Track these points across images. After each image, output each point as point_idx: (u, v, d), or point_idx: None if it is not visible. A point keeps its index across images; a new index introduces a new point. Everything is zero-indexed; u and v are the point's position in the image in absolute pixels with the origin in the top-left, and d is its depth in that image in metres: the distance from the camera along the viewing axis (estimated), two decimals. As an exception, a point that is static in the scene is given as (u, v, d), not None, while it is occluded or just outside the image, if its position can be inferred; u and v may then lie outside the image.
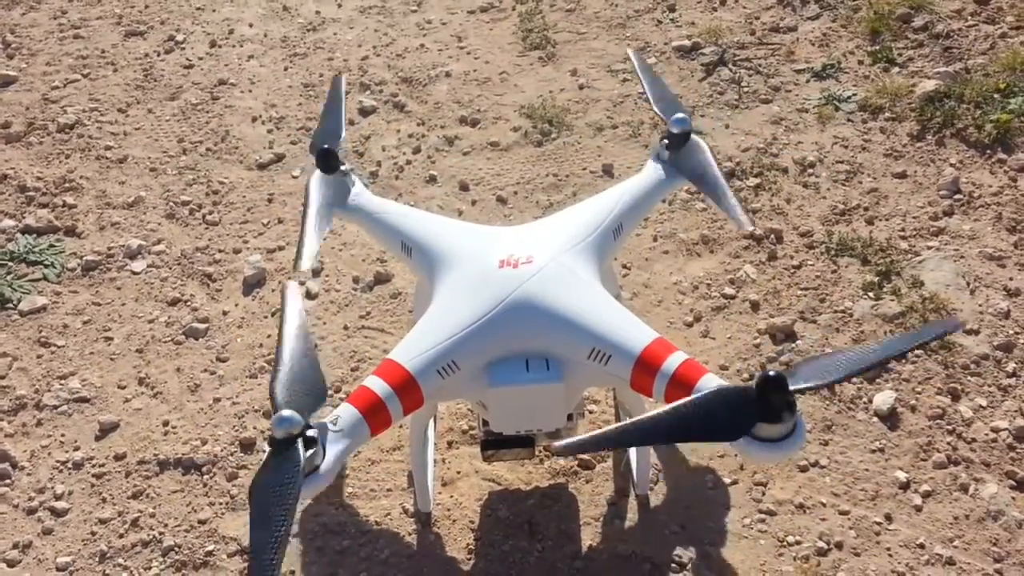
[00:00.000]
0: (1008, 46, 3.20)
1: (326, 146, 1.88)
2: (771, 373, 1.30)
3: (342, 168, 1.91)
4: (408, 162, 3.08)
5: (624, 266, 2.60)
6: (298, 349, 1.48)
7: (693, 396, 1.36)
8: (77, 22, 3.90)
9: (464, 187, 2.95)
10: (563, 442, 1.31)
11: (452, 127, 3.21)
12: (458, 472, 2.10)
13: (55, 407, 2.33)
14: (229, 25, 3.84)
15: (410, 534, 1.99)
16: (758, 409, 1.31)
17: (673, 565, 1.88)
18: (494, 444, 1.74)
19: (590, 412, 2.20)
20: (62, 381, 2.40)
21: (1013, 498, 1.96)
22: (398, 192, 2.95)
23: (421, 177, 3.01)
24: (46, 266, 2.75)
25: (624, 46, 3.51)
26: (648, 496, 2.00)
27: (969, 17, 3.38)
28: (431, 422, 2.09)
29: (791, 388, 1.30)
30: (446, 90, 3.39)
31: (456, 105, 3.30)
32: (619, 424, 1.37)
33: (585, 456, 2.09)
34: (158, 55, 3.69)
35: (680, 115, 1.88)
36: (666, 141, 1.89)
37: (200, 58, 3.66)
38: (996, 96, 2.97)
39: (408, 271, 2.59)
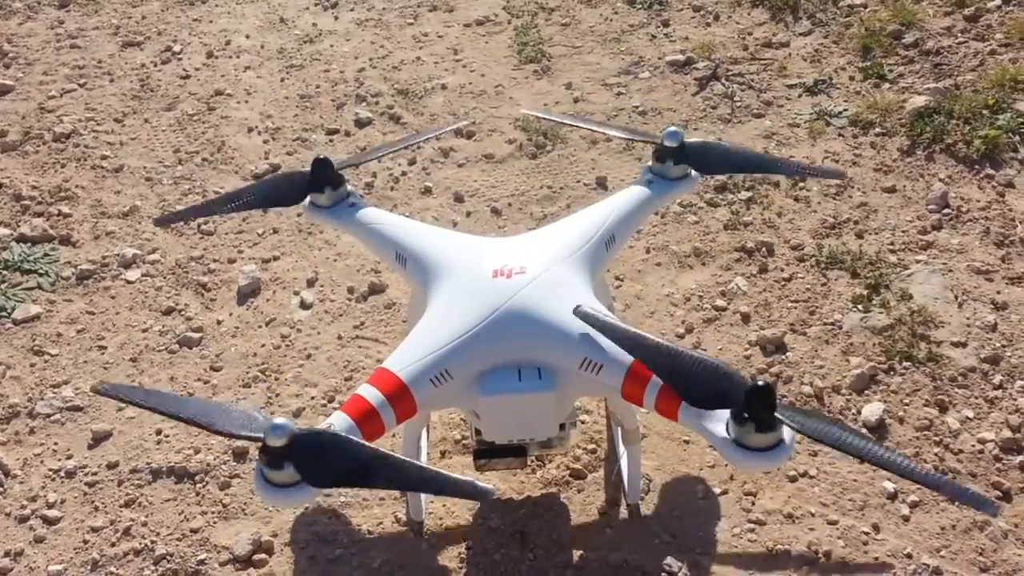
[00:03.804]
0: (997, 63, 3.24)
1: (323, 156, 1.90)
2: (760, 382, 1.32)
3: (339, 174, 1.92)
4: (403, 173, 3.10)
5: (617, 278, 2.62)
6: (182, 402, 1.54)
7: (699, 353, 1.43)
8: (74, 32, 3.92)
9: (459, 199, 2.97)
10: (587, 310, 1.52)
11: (447, 139, 3.23)
12: (450, 481, 2.11)
13: (48, 415, 2.34)
14: (226, 36, 3.87)
15: (402, 543, 1.99)
16: (738, 401, 1.34)
17: (664, 574, 1.89)
18: (486, 453, 1.75)
19: (582, 422, 2.21)
20: (55, 389, 2.41)
21: (999, 509, 1.98)
22: (393, 203, 2.97)
23: (416, 188, 3.03)
24: (40, 275, 2.76)
25: (619, 60, 3.55)
26: (639, 505, 2.02)
27: (959, 34, 3.42)
28: (424, 431, 2.10)
29: (777, 409, 1.32)
30: (442, 102, 3.41)
31: (452, 117, 3.33)
32: (633, 329, 1.49)
33: (577, 466, 2.11)
34: (155, 65, 3.71)
35: (673, 128, 1.91)
36: (659, 153, 1.91)
37: (197, 69, 3.68)
38: (985, 112, 3.01)
39: (402, 282, 2.60)
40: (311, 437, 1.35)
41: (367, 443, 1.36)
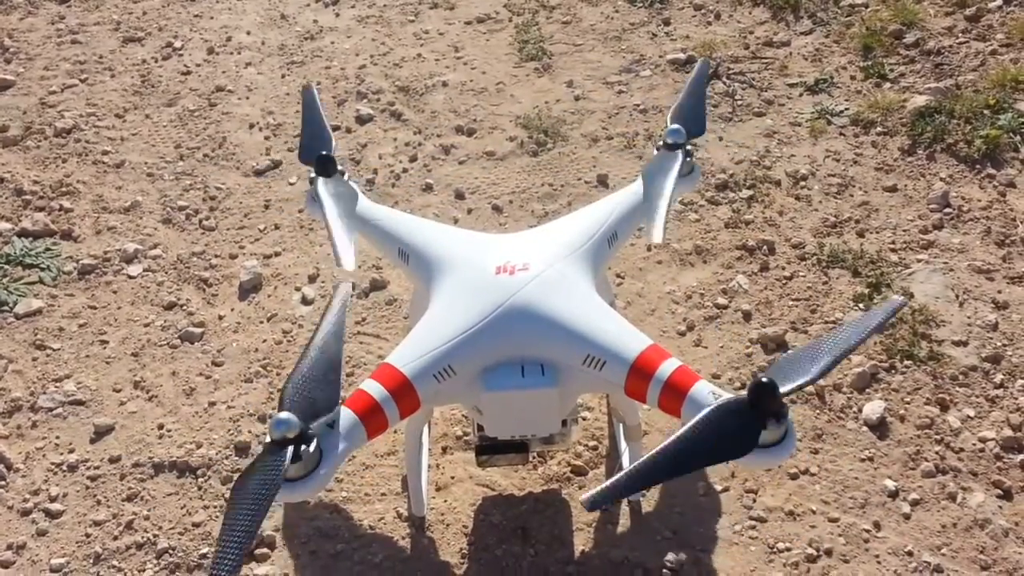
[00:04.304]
0: (998, 63, 3.25)
1: (324, 152, 1.90)
2: (763, 379, 1.32)
3: (339, 169, 1.92)
4: (404, 170, 3.10)
5: (618, 275, 2.63)
6: (326, 353, 1.44)
7: (694, 421, 1.34)
8: (75, 27, 3.92)
9: (460, 196, 2.97)
10: (589, 494, 1.29)
11: (448, 136, 3.24)
12: (452, 477, 2.11)
13: (50, 409, 2.34)
14: (227, 33, 3.87)
15: (404, 538, 2.00)
16: (757, 420, 1.32)
17: (665, 571, 1.90)
18: (488, 449, 1.75)
19: (583, 419, 2.22)
20: (57, 384, 2.41)
21: (1000, 507, 1.99)
22: (394, 200, 2.97)
23: (417, 185, 3.03)
24: (42, 269, 2.76)
25: (619, 58, 3.55)
26: (640, 502, 2.02)
27: (960, 34, 3.43)
28: (426, 427, 2.10)
29: (781, 391, 1.32)
30: (442, 99, 3.41)
31: (452, 114, 3.33)
32: (636, 465, 1.32)
33: (579, 463, 2.11)
34: (156, 61, 3.70)
35: (676, 127, 1.90)
36: (660, 147, 1.91)
37: (198, 65, 3.68)
38: (986, 112, 3.01)
39: (403, 278, 2.61)
40: (277, 452, 1.31)
41: (265, 506, 1.26)
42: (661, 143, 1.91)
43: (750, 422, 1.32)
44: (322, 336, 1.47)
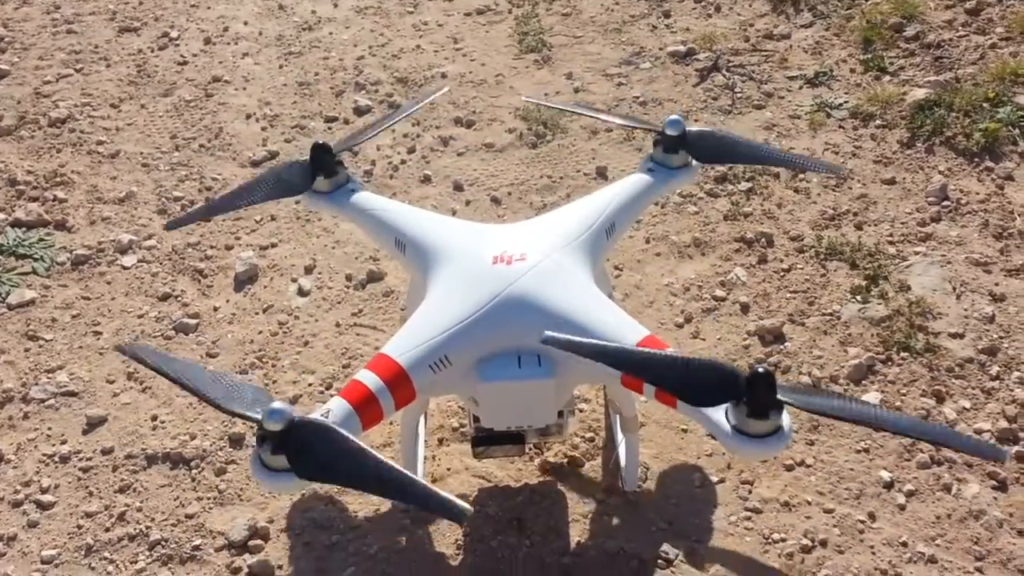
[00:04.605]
0: (998, 56, 3.24)
1: (321, 141, 1.89)
2: (761, 369, 1.32)
3: (337, 159, 1.91)
4: (403, 162, 3.09)
5: (616, 267, 2.62)
6: (205, 377, 1.48)
7: (690, 356, 1.41)
8: (70, 17, 3.89)
9: (458, 187, 2.96)
10: (555, 335, 1.39)
11: (447, 128, 3.22)
12: (448, 469, 2.11)
13: (42, 401, 2.32)
14: (224, 23, 3.84)
15: (399, 529, 1.99)
16: (741, 391, 1.33)
17: (660, 561, 1.89)
18: (484, 441, 1.75)
19: (580, 411, 2.21)
20: (50, 375, 2.39)
21: (995, 498, 1.98)
22: (392, 191, 2.96)
23: (416, 177, 3.02)
24: (35, 260, 2.74)
25: (619, 50, 3.54)
26: (636, 493, 2.02)
27: (960, 27, 3.42)
28: (422, 418, 2.10)
29: (778, 391, 1.32)
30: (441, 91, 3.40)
31: (451, 106, 3.32)
32: (614, 345, 1.43)
33: (575, 454, 2.10)
34: (152, 51, 3.68)
35: (675, 117, 1.90)
36: (658, 141, 1.90)
37: (194, 55, 3.66)
38: (985, 105, 3.00)
39: (400, 270, 2.60)
40: (306, 426, 1.34)
41: (362, 444, 1.32)
42: (659, 137, 1.90)
43: (730, 389, 1.34)
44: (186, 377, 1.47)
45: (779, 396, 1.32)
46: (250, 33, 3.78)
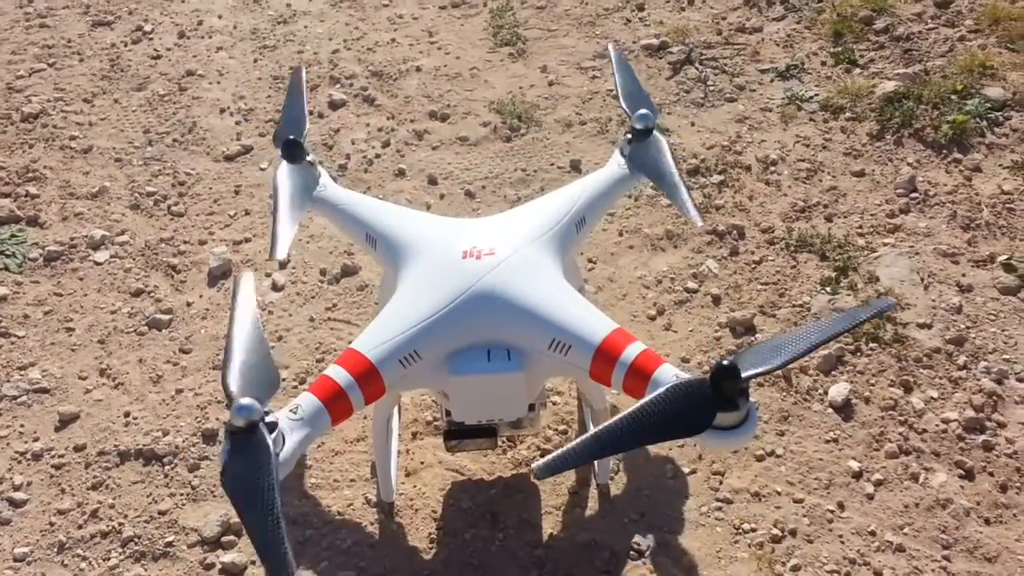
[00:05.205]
0: (966, 49, 3.27)
1: (291, 136, 1.89)
2: (724, 362, 1.34)
3: (308, 159, 1.91)
4: (377, 156, 3.08)
5: (590, 260, 2.63)
6: (250, 339, 1.44)
7: (650, 396, 1.37)
8: (43, 11, 3.85)
9: (433, 181, 2.96)
10: (542, 462, 1.32)
11: (422, 121, 3.22)
12: (422, 462, 2.12)
13: (14, 398, 2.31)
14: (198, 16, 3.81)
15: (373, 524, 2.00)
16: (715, 399, 1.34)
17: (632, 552, 1.91)
18: (457, 434, 1.76)
19: (553, 404, 2.23)
20: (22, 372, 2.38)
21: (962, 487, 2.02)
22: (367, 185, 2.95)
23: (390, 171, 3.02)
24: (7, 256, 2.72)
25: (594, 44, 3.54)
26: (608, 485, 2.03)
27: (929, 20, 3.45)
28: (395, 412, 2.10)
29: (743, 375, 1.33)
30: (416, 84, 3.39)
31: (426, 100, 3.31)
32: (589, 435, 1.35)
33: (548, 447, 2.12)
34: (125, 45, 3.65)
35: (644, 111, 1.91)
36: (629, 136, 1.92)
37: (168, 49, 3.63)
38: (953, 97, 3.04)
39: (375, 264, 2.60)
40: (250, 437, 1.32)
41: (275, 488, 1.28)
42: (629, 132, 1.91)
43: (707, 402, 1.33)
44: (242, 327, 1.45)
45: (744, 374, 1.32)
46: (224, 27, 3.75)
